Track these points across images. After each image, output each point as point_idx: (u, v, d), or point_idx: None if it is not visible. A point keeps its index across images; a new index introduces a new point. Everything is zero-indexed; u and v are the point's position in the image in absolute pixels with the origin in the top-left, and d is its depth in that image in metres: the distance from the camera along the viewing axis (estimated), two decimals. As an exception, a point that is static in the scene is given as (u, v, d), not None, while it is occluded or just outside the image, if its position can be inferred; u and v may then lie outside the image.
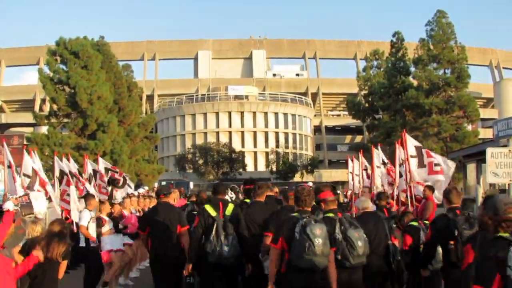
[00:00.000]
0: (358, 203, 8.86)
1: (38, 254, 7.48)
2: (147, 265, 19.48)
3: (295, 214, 7.71)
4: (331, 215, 7.56)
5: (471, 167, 25.22)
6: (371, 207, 9.91)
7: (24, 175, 16.18)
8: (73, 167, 20.09)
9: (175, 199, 17.47)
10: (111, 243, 14.21)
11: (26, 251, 8.09)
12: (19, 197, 10.28)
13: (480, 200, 11.03)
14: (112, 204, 15.94)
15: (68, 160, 20.40)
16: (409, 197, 15.28)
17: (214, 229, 8.99)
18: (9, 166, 15.03)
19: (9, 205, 7.39)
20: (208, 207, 9.63)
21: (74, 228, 17.96)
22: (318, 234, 7.25)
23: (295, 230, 7.37)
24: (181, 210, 12.87)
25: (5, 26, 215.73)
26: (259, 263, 9.17)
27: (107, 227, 14.11)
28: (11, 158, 15.23)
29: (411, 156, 15.43)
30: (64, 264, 8.40)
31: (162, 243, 10.59)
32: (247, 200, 11.30)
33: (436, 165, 15.49)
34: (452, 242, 8.11)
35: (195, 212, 11.95)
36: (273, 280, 7.71)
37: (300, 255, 7.29)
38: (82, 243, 13.39)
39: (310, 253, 7.20)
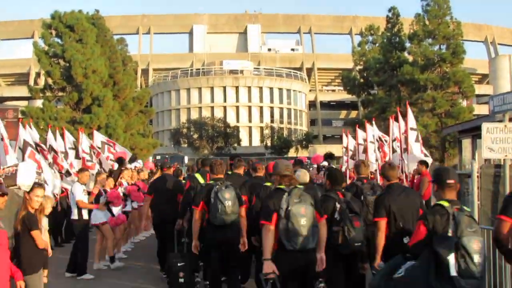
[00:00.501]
0: (297, 176, 8.97)
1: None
2: (142, 238, 19.70)
3: (211, 182, 9.77)
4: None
5: (466, 143, 25.21)
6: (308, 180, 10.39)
7: (20, 148, 16.15)
8: (68, 141, 20.00)
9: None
10: (98, 216, 14.33)
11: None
12: (7, 167, 10.29)
13: (475, 175, 11.09)
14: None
15: (63, 134, 20.35)
16: (403, 172, 15.33)
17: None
18: (1, 139, 14.98)
19: None
20: (198, 176, 12.38)
21: (70, 201, 18.09)
22: (227, 198, 9.25)
23: (211, 195, 9.38)
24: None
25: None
26: None
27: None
28: (4, 131, 15.16)
29: (411, 129, 15.47)
30: (36, 233, 8.28)
31: (164, 205, 12.98)
32: (229, 172, 12.84)
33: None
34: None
35: None
36: (196, 236, 9.75)
37: (214, 215, 9.38)
38: (75, 216, 13.55)
39: (222, 213, 9.28)
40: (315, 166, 21.67)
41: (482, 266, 5.41)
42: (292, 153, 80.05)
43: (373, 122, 20.78)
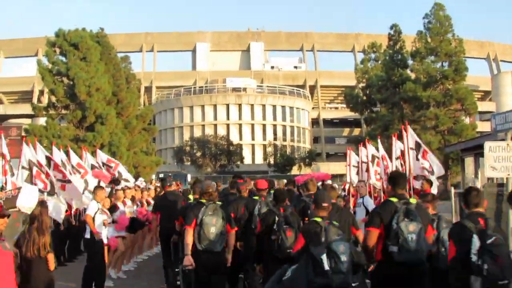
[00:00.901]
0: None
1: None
2: (145, 257, 19.66)
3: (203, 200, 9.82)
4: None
5: (469, 161, 25.25)
6: None
7: (23, 167, 16.02)
8: (73, 158, 19.97)
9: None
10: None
11: (18, 244, 8.17)
12: (9, 190, 10.25)
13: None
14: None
15: (68, 152, 20.35)
16: (407, 190, 15.28)
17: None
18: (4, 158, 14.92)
19: None
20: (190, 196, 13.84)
21: (73, 220, 18.03)
22: (213, 223, 9.33)
23: (198, 215, 9.45)
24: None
25: (3, 17, 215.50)
26: None
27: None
28: (6, 150, 15.13)
29: (411, 149, 15.47)
30: (51, 256, 8.40)
31: (168, 221, 13.45)
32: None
33: (424, 169, 15.58)
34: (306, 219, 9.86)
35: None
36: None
37: (199, 239, 9.36)
38: (87, 235, 13.20)
39: (205, 238, 9.28)
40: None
41: (348, 264, 6.83)
42: (295, 170, 80.00)
43: (378, 140, 20.73)
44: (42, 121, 52.15)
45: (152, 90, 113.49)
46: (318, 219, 7.48)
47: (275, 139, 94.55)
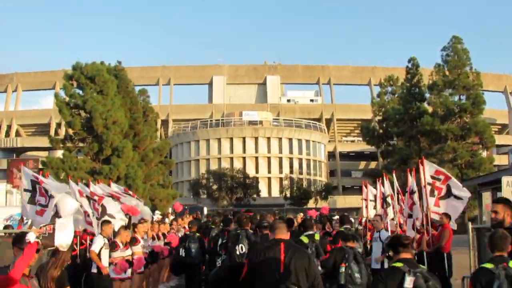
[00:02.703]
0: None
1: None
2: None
3: None
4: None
5: (486, 195, 25.07)
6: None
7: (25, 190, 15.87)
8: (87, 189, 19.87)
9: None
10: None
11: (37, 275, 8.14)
12: (43, 226, 10.11)
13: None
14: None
15: (88, 185, 20.32)
16: (424, 225, 15.11)
17: None
18: (26, 190, 14.85)
19: (31, 237, 7.20)
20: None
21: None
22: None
23: None
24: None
25: (21, 51, 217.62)
26: None
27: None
28: (25, 182, 15.06)
29: (428, 184, 15.30)
30: None
31: None
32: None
33: (442, 198, 15.35)
34: None
35: None
36: None
37: None
38: (94, 269, 13.05)
39: None
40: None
41: None
42: (311, 203, 79.64)
43: (394, 175, 20.59)
44: (59, 153, 52.36)
45: (168, 123, 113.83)
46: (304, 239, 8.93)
47: (291, 172, 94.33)
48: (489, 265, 6.38)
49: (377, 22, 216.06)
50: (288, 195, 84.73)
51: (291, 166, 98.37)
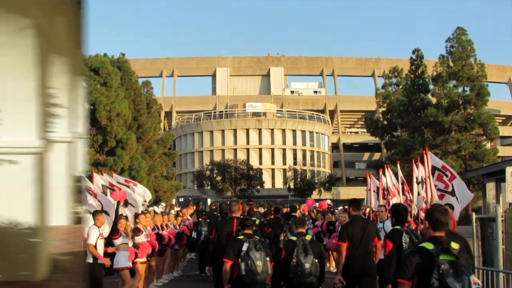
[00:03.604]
0: None
1: None
2: (165, 281, 19.63)
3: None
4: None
5: (490, 186, 25.03)
6: None
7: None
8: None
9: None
10: (119, 260, 13.78)
11: None
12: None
13: (500, 219, 10.94)
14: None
15: (92, 176, 20.38)
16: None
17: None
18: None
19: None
20: None
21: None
22: None
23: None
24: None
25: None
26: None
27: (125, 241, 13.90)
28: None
29: (437, 170, 15.32)
30: None
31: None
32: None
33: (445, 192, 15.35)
34: None
35: None
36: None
37: None
38: (89, 259, 13.00)
39: None
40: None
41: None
42: (315, 195, 79.62)
43: (398, 165, 20.60)
44: (63, 145, 52.36)
45: (172, 115, 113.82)
46: (293, 238, 9.82)
47: (295, 163, 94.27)
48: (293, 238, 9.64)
49: (381, 13, 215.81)
50: (292, 186, 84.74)
51: (294, 158, 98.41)
